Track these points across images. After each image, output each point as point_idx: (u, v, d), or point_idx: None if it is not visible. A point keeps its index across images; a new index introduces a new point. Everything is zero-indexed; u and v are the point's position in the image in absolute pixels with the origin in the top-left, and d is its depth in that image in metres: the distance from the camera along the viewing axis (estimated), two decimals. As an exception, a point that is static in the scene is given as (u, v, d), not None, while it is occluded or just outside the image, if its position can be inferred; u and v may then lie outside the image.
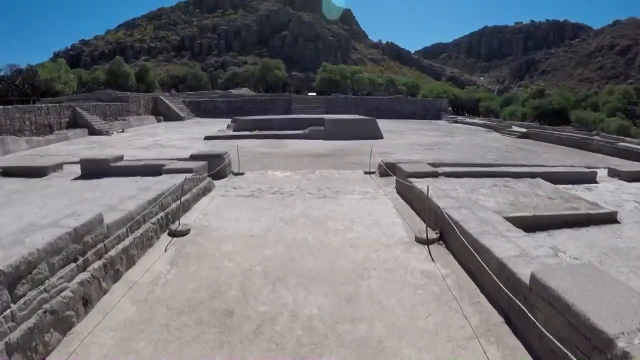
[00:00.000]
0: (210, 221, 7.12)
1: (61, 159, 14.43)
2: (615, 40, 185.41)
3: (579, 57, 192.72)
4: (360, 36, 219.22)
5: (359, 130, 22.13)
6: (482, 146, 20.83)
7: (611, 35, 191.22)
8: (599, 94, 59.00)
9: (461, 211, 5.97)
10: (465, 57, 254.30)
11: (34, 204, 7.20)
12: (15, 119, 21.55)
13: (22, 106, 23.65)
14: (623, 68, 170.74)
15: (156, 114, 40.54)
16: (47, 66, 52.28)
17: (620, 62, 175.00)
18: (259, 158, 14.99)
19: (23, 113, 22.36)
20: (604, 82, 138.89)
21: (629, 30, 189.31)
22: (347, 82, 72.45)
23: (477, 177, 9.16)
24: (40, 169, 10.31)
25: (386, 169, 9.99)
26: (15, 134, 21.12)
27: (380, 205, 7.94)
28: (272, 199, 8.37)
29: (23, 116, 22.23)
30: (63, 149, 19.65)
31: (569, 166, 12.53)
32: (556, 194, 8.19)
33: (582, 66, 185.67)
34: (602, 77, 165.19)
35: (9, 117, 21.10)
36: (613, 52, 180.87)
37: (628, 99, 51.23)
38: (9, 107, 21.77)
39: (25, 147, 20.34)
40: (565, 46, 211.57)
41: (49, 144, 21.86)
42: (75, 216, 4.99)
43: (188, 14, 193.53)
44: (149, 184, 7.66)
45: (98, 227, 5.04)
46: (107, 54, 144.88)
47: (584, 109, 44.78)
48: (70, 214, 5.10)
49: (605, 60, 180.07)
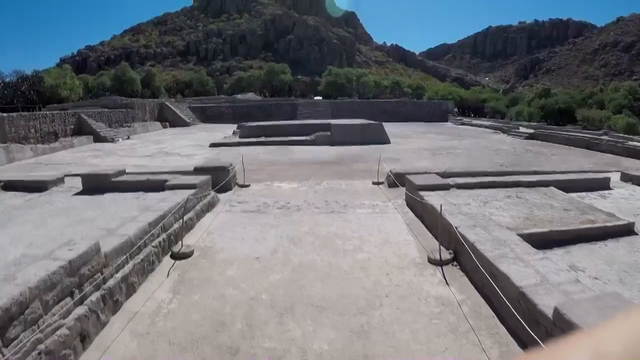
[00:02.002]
0: (214, 241, 6.88)
1: (63, 170, 14.32)
2: (619, 37, 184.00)
3: (583, 55, 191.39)
4: (365, 39, 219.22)
5: (366, 135, 21.86)
6: (490, 149, 20.51)
7: (615, 32, 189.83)
8: (604, 92, 58.41)
9: (476, 230, 5.70)
10: (469, 57, 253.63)
11: (32, 222, 7.00)
12: (20, 127, 21.49)
13: (27, 114, 23.60)
14: (627, 64, 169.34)
15: (162, 120, 40.47)
16: (52, 72, 52.33)
17: (625, 58, 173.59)
18: (264, 167, 14.75)
19: (28, 120, 22.30)
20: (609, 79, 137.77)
21: (632, 27, 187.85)
22: (352, 85, 72.19)
23: (489, 188, 8.88)
24: (41, 184, 10.11)
25: (395, 180, 9.72)
26: (21, 141, 21.08)
27: (390, 220, 7.66)
28: (278, 215, 8.11)
29: (28, 124, 22.17)
30: (68, 157, 19.53)
31: (581, 171, 12.23)
32: (571, 205, 7.93)
33: (586, 64, 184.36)
34: (606, 75, 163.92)
35: (13, 125, 21.02)
36: (617, 49, 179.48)
37: (633, 95, 50.62)
38: (14, 115, 21.70)
39: (30, 155, 20.25)
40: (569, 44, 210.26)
41: (54, 152, 21.76)
42: (71, 245, 4.78)
43: (193, 19, 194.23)
44: (150, 203, 7.45)
45: (95, 257, 4.82)
46: (113, 60, 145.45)
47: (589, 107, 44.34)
48: (66, 243, 4.89)
49: (609, 57, 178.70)
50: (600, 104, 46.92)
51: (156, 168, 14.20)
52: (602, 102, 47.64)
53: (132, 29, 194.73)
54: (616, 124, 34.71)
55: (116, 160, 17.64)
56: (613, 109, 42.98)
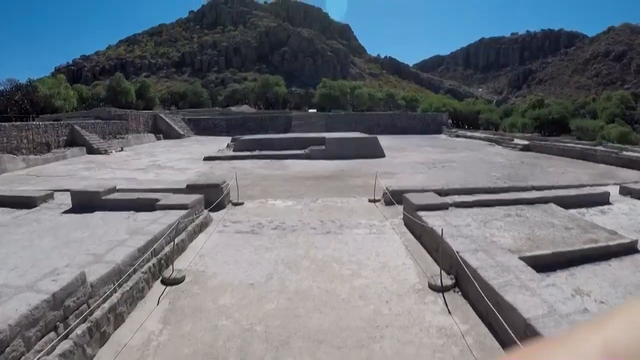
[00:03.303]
0: (206, 265, 6.64)
1: (55, 184, 14.14)
2: (610, 47, 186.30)
3: (575, 65, 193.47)
4: (359, 51, 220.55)
5: (361, 149, 21.73)
6: (486, 162, 20.44)
7: (606, 42, 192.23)
8: (596, 101, 58.97)
9: (478, 255, 5.52)
10: (463, 69, 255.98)
11: (18, 243, 6.77)
12: (12, 137, 21.32)
13: (20, 124, 23.39)
14: (619, 74, 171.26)
15: (156, 132, 40.24)
16: (47, 82, 52.21)
17: (616, 67, 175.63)
18: (259, 182, 14.54)
19: (20, 131, 22.12)
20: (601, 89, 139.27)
21: (623, 36, 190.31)
22: (346, 97, 72.33)
23: (488, 207, 8.72)
24: (30, 200, 9.88)
25: (391, 198, 9.53)
26: (12, 152, 20.88)
27: (388, 242, 7.46)
28: (273, 236, 7.88)
29: (20, 134, 22.00)
30: (60, 169, 19.32)
31: (579, 185, 12.11)
32: (572, 223, 7.80)
33: (578, 74, 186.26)
34: (598, 84, 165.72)
35: (5, 135, 20.86)
36: (608, 58, 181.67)
37: (626, 104, 51.10)
38: (6, 125, 21.52)
39: (22, 166, 20.07)
40: (561, 55, 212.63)
41: (46, 163, 21.59)
42: (55, 275, 4.56)
43: (188, 30, 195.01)
44: (141, 224, 7.23)
45: (81, 288, 4.59)
46: (108, 70, 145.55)
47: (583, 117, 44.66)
48: (50, 273, 4.68)
49: (601, 66, 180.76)
50: (593, 114, 47.34)
51: (149, 182, 13.98)
52: (595, 112, 48.08)
53: (128, 40, 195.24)
54: (610, 134, 34.91)
55: (109, 173, 17.42)
56: (606, 118, 43.34)
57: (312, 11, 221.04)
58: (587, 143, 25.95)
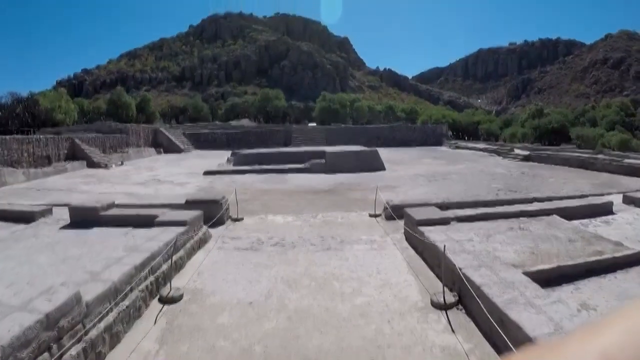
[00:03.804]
0: (205, 283, 6.53)
1: (54, 197, 14.09)
2: (608, 54, 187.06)
3: (573, 73, 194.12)
4: (358, 64, 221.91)
5: (361, 162, 21.68)
6: (487, 173, 20.36)
7: (604, 49, 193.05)
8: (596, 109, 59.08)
9: (481, 271, 5.41)
10: (461, 80, 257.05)
11: (16, 258, 6.68)
12: (13, 150, 21.37)
13: (20, 137, 23.47)
14: (618, 80, 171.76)
15: (156, 146, 40.37)
16: (48, 95, 52.53)
17: (615, 74, 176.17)
18: (259, 196, 14.45)
19: (21, 144, 22.16)
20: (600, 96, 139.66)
21: (620, 43, 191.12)
22: (346, 110, 72.53)
23: (490, 220, 8.63)
24: (28, 214, 9.89)
25: (392, 213, 9.43)
26: (13, 165, 20.92)
27: (389, 258, 7.34)
28: (272, 253, 7.77)
29: (21, 147, 22.05)
30: (60, 183, 19.30)
31: (582, 196, 12.01)
32: (576, 235, 7.70)
33: (577, 82, 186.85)
34: (597, 92, 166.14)
35: (6, 148, 20.93)
36: (607, 65, 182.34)
37: (625, 111, 51.26)
38: (7, 138, 21.58)
39: (22, 179, 20.12)
40: (559, 63, 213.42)
41: (46, 177, 21.62)
42: (50, 294, 4.45)
43: (188, 44, 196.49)
44: (139, 242, 7.13)
45: (76, 307, 4.48)
46: (109, 84, 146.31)
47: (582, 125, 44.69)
48: (45, 291, 4.56)
49: (599, 74, 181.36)
50: (593, 122, 47.39)
51: (148, 196, 13.94)
52: (595, 120, 48.12)
53: (129, 54, 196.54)
54: (610, 141, 34.90)
55: (109, 188, 17.39)
56: (606, 125, 43.42)
57: (311, 25, 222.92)
58: (588, 152, 25.95)
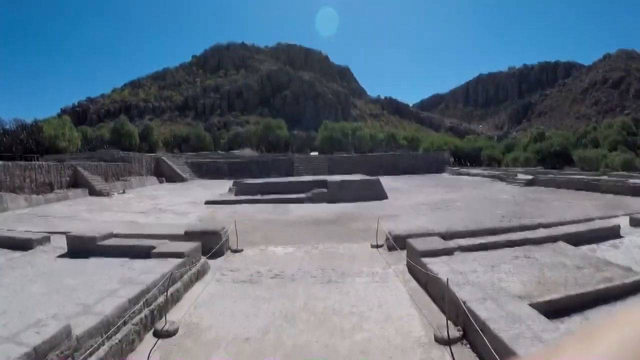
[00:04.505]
0: (201, 317, 6.32)
1: (55, 225, 14.02)
2: (608, 74, 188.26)
3: (573, 95, 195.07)
4: (359, 92, 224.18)
5: (363, 192, 21.54)
6: (490, 200, 20.17)
7: (603, 70, 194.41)
8: (597, 130, 59.10)
9: (486, 304, 5.21)
10: (462, 106, 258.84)
11: (10, 287, 6.60)
12: (15, 176, 21.43)
13: (23, 163, 23.57)
14: (618, 100, 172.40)
15: (158, 175, 40.47)
16: (52, 122, 53.22)
17: (615, 94, 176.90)
18: (260, 227, 14.28)
19: (24, 170, 22.24)
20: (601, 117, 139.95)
21: (619, 62, 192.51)
22: (348, 139, 72.90)
23: (495, 249, 8.44)
24: (26, 242, 9.91)
25: (394, 243, 9.25)
26: (15, 191, 20.93)
27: (391, 291, 7.12)
28: (271, 286, 7.57)
29: (23, 173, 22.12)
30: (62, 210, 19.21)
31: (588, 219, 11.82)
32: (583, 261, 7.51)
33: (577, 104, 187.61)
34: (598, 112, 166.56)
35: (9, 174, 20.98)
36: (606, 85, 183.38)
37: (627, 130, 51.18)
38: (10, 164, 21.65)
39: (24, 205, 20.11)
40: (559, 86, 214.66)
41: (48, 203, 21.61)
42: (39, 327, 4.35)
43: (192, 74, 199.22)
44: (134, 274, 6.98)
45: (65, 340, 4.33)
46: (113, 112, 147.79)
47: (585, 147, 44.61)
48: (34, 324, 4.47)
49: (599, 94, 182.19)
50: (595, 143, 47.31)
51: (149, 226, 13.80)
52: (597, 141, 48.04)
53: (132, 83, 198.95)
54: (613, 162, 34.76)
55: (110, 216, 17.28)
56: (608, 146, 43.36)
57: (312, 54, 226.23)
58: (592, 173, 25.86)
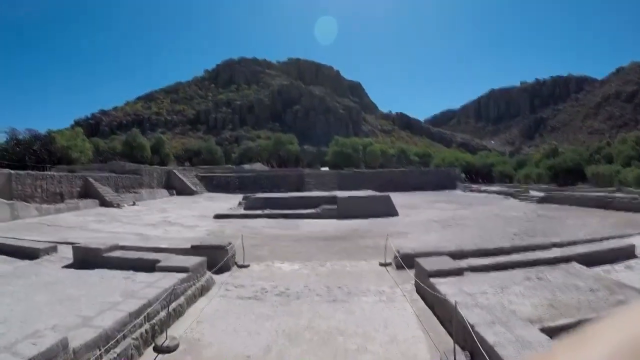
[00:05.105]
0: (203, 333, 6.20)
1: (63, 234, 14.13)
2: (621, 88, 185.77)
3: (586, 109, 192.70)
4: (371, 108, 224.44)
5: (373, 208, 21.38)
6: (502, 217, 19.88)
7: (616, 83, 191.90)
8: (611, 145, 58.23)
9: (495, 329, 5.02)
10: (474, 121, 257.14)
11: (14, 295, 6.63)
12: (27, 185, 21.76)
13: (35, 173, 23.93)
14: (632, 114, 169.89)
15: (169, 188, 40.69)
16: (65, 134, 54.23)
17: (628, 108, 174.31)
18: (268, 242, 14.18)
19: (35, 180, 22.55)
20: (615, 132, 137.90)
21: (633, 75, 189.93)
22: (359, 154, 72.92)
23: (506, 269, 8.23)
24: (32, 251, 10.04)
25: (402, 262, 9.07)
26: (26, 200, 21.19)
27: (398, 311, 6.94)
28: (275, 303, 7.43)
29: (35, 183, 22.44)
30: (71, 220, 19.37)
31: (601, 239, 11.53)
32: (597, 283, 7.27)
33: (590, 118, 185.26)
34: (612, 127, 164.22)
35: (20, 183, 21.31)
36: (620, 99, 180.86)
37: (641, 145, 50.29)
38: (21, 173, 22.00)
39: (34, 214, 20.36)
40: (571, 100, 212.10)
41: (58, 213, 21.86)
42: (36, 338, 4.31)
43: (204, 88, 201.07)
44: (137, 287, 6.93)
45: (61, 353, 4.26)
46: (125, 125, 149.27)
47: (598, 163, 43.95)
48: (32, 334, 4.44)
49: (613, 109, 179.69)
50: (608, 158, 46.55)
51: (157, 238, 13.87)
52: (611, 156, 47.27)
53: (145, 96, 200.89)
54: (627, 178, 34.16)
55: (119, 227, 17.37)
56: (622, 161, 42.59)
57: (323, 69, 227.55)
58: (605, 190, 25.47)
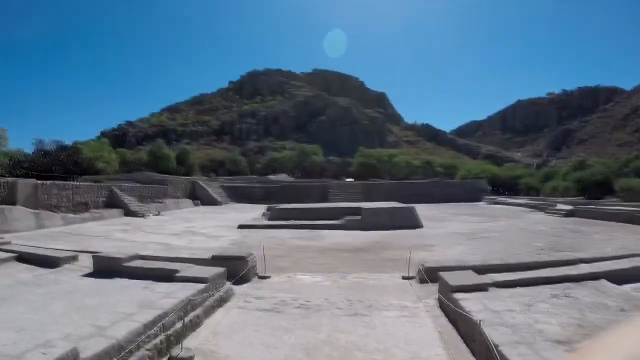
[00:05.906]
0: (219, 345, 6.13)
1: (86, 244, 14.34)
2: None
3: (615, 121, 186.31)
4: (396, 119, 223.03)
5: (397, 220, 21.14)
6: (528, 231, 19.40)
7: None
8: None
9: (520, 350, 4.80)
10: (500, 133, 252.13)
11: (32, 303, 6.72)
12: (52, 195, 22.27)
13: (61, 183, 24.54)
14: None
15: (194, 198, 41.16)
16: (91, 145, 55.51)
17: None
18: (291, 253, 14.13)
19: (61, 190, 23.10)
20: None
21: None
22: (384, 166, 72.55)
23: (532, 286, 7.93)
24: (54, 259, 10.21)
25: (425, 275, 8.86)
26: (52, 209, 21.69)
27: (420, 327, 6.74)
28: (295, 316, 7.32)
29: (60, 192, 22.96)
30: (96, 229, 19.75)
31: (631, 255, 11.02)
32: (628, 303, 6.94)
33: (619, 130, 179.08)
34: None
35: (46, 193, 21.82)
36: None
37: (672, 157, 48.53)
38: (47, 183, 22.54)
39: (60, 223, 20.83)
40: (600, 112, 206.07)
41: (83, 222, 22.37)
42: (47, 348, 4.34)
43: (228, 99, 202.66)
44: (154, 297, 6.92)
45: (71, 363, 4.24)
46: (151, 136, 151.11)
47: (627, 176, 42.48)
48: (43, 344, 4.47)
49: None
50: (638, 171, 45.04)
51: (180, 248, 14.00)
52: (640, 169, 45.67)
53: (170, 108, 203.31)
54: (656, 191, 32.89)
55: (143, 237, 17.63)
56: (651, 174, 41.12)
57: (349, 80, 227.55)
58: (635, 204, 24.59)
